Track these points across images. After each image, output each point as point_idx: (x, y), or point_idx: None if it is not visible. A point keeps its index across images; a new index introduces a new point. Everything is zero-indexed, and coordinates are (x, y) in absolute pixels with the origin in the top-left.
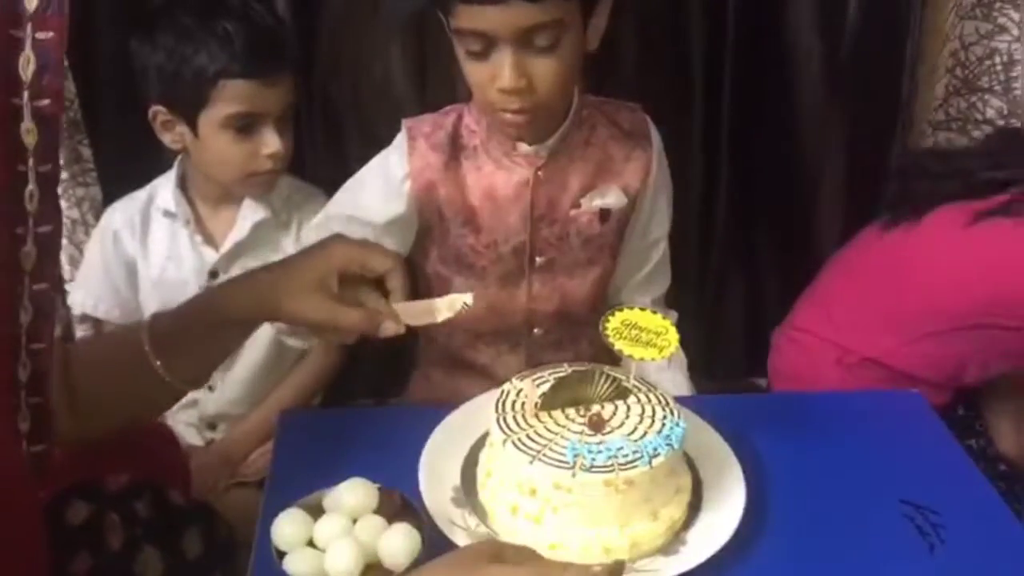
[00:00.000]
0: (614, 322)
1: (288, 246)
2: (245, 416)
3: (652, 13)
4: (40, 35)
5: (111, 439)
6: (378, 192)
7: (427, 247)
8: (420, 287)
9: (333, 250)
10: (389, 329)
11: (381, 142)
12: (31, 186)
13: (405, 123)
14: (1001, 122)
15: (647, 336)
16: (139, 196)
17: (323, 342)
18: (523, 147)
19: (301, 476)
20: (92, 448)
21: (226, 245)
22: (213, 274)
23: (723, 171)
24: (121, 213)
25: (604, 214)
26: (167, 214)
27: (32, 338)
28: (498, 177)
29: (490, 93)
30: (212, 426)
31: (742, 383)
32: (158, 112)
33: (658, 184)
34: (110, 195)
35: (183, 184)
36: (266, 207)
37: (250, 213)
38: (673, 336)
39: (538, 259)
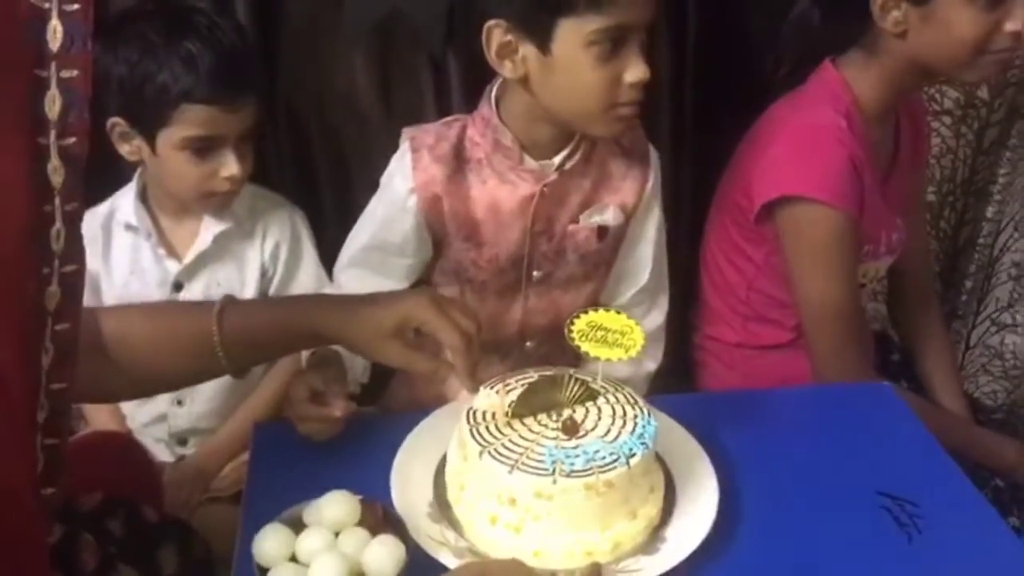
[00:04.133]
0: (580, 324)
1: (252, 257)
2: (215, 430)
3: None
4: (65, 73)
5: (82, 458)
6: (387, 212)
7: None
8: None
9: (415, 307)
10: (453, 386)
11: (345, 153)
12: (58, 225)
13: (407, 133)
14: None
15: (613, 336)
16: (100, 210)
17: None
18: (530, 162)
19: (279, 489)
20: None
21: (188, 256)
22: (177, 286)
23: (686, 168)
24: (83, 228)
25: (602, 231)
26: (128, 227)
27: (53, 379)
28: (502, 191)
29: (615, 93)
30: (182, 441)
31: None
32: (116, 124)
33: (652, 202)
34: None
35: (144, 196)
36: (229, 217)
37: (212, 224)
38: (638, 335)
39: (535, 273)
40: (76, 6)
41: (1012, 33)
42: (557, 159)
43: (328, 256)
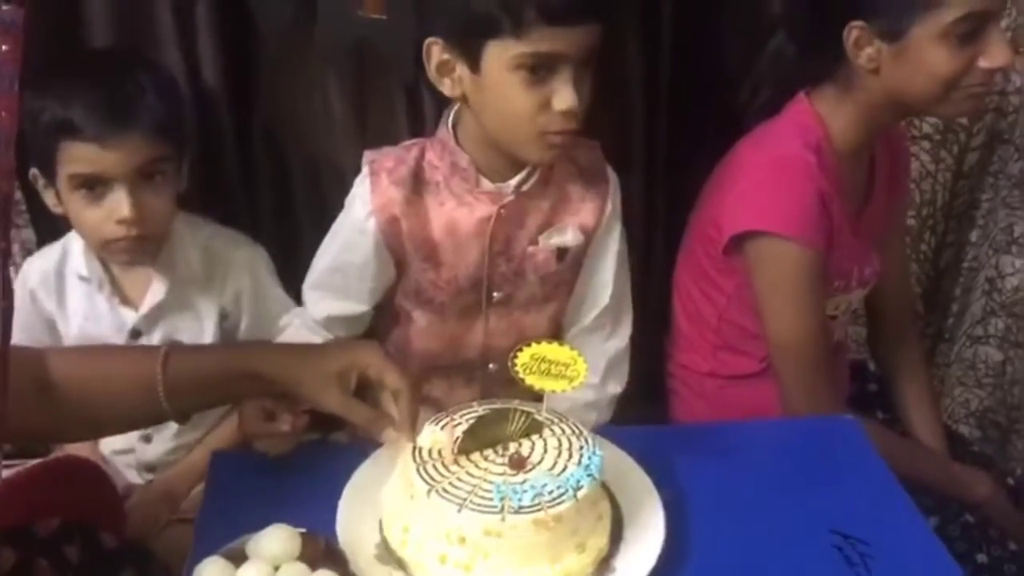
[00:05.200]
0: (523, 357)
1: (208, 307)
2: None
3: None
4: None
5: (44, 483)
6: (347, 235)
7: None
8: (382, 322)
9: (360, 352)
10: (390, 436)
11: (321, 176)
12: None
13: (367, 156)
14: None
15: (556, 369)
16: (53, 252)
17: None
18: (486, 184)
19: (231, 518)
20: (19, 492)
21: (144, 308)
22: (135, 333)
23: (660, 196)
24: (37, 271)
25: (561, 252)
26: (81, 278)
27: None
28: (460, 213)
29: (543, 119)
30: (151, 469)
31: None
32: (35, 176)
33: (612, 224)
34: (43, 237)
35: None
36: (182, 265)
37: (164, 275)
38: (581, 366)
39: (495, 294)
40: (4, 48)
41: (986, 70)
42: (514, 181)
43: (304, 278)
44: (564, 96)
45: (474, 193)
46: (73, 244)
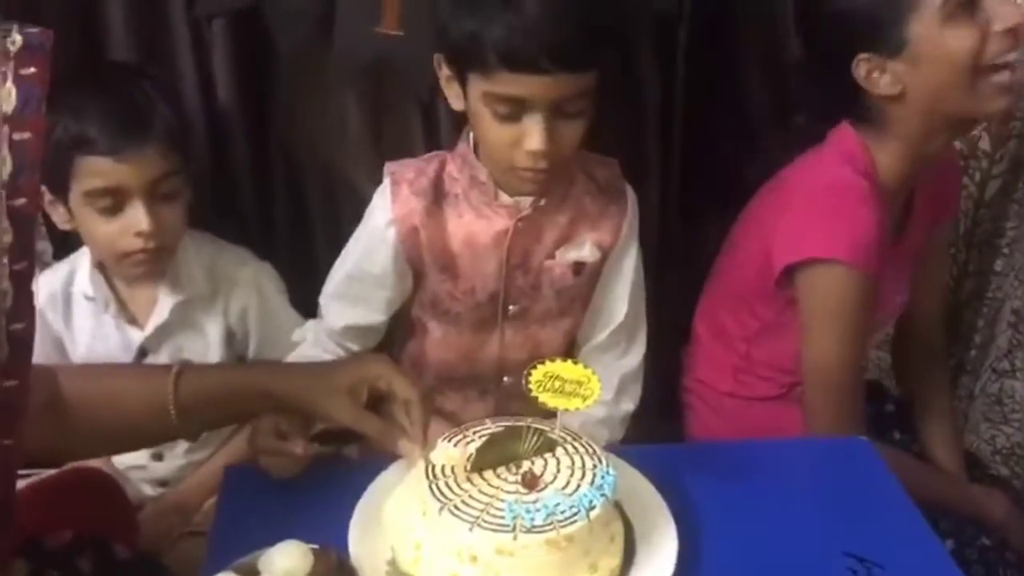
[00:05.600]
0: (537, 375)
1: (213, 327)
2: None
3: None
4: (17, 136)
5: (56, 494)
6: (367, 244)
7: None
8: (398, 333)
9: (370, 365)
10: (403, 447)
11: (337, 190)
12: (4, 283)
13: (388, 168)
14: None
15: (570, 387)
16: (60, 271)
17: None
18: (504, 197)
19: (244, 532)
20: (32, 503)
21: (149, 328)
22: (142, 352)
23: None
24: (44, 290)
25: (578, 267)
26: (87, 298)
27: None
28: (478, 226)
29: (514, 154)
30: (163, 484)
31: None
32: (43, 193)
33: (629, 242)
34: (60, 250)
35: (100, 263)
36: (187, 284)
37: (169, 294)
38: (595, 385)
39: (511, 307)
40: (32, 69)
41: (1005, 33)
42: (531, 195)
43: (319, 292)
44: (532, 138)
45: (492, 206)
46: (80, 263)
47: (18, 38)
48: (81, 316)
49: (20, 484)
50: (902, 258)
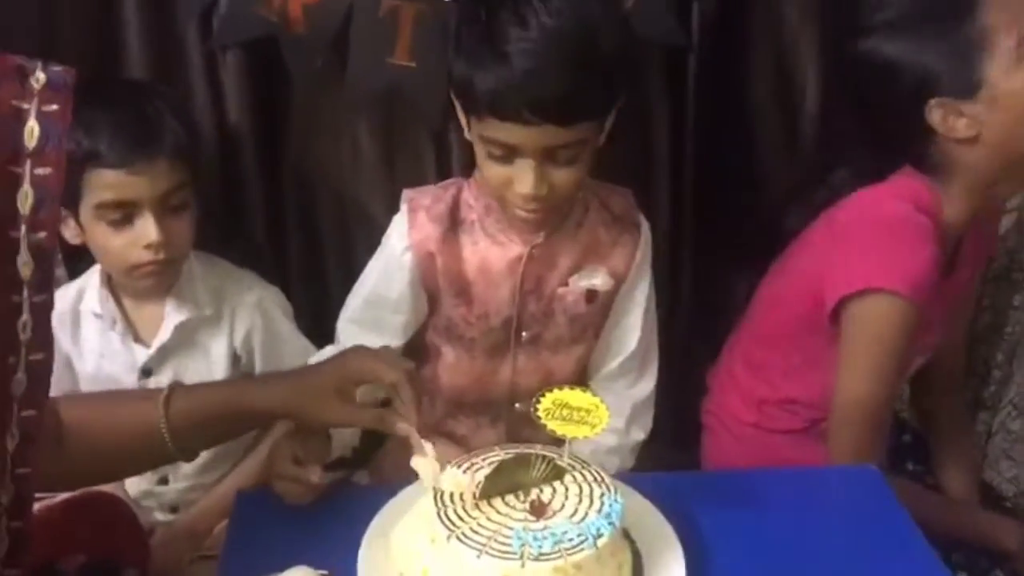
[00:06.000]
0: (545, 403)
1: (218, 348)
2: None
3: None
4: (39, 171)
5: (69, 518)
6: (384, 269)
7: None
8: (413, 353)
9: (348, 360)
10: (402, 429)
11: (349, 218)
12: (25, 316)
13: (406, 194)
14: None
15: (579, 415)
16: (70, 290)
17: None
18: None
19: (254, 558)
20: (46, 527)
21: (153, 347)
22: (146, 372)
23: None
24: (54, 311)
25: (591, 295)
26: (95, 315)
27: (16, 463)
28: (493, 252)
29: (508, 192)
30: (174, 509)
31: None
32: None
33: (642, 271)
34: (74, 274)
35: (108, 281)
36: (192, 304)
37: (173, 313)
38: (603, 413)
39: (524, 333)
40: (54, 107)
41: None
42: None
43: (332, 319)
44: (522, 182)
45: (507, 233)
46: (90, 282)
47: (42, 76)
48: (89, 334)
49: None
50: (948, 297)
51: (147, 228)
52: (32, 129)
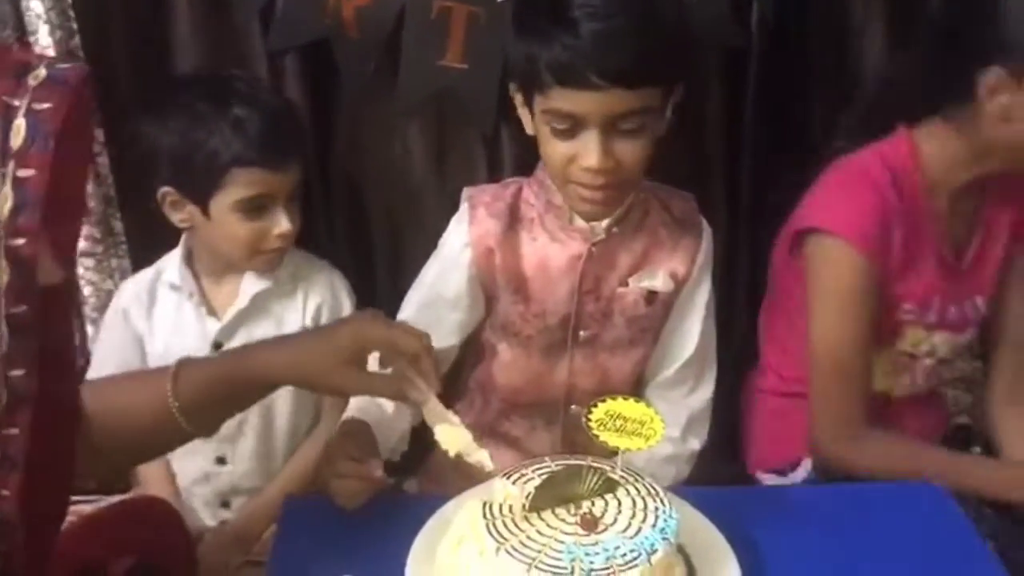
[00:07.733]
0: (598, 413)
1: (290, 319)
2: (258, 489)
3: None
4: (21, 173)
5: (117, 520)
6: (442, 267)
7: None
8: (469, 353)
9: (362, 328)
10: (416, 395)
11: (399, 221)
12: (2, 327)
13: (466, 191)
14: None
15: (632, 426)
16: (147, 273)
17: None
18: (579, 222)
19: (303, 566)
20: (97, 528)
21: (227, 316)
22: (217, 346)
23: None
24: (130, 290)
25: (650, 296)
26: (173, 288)
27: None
28: (552, 249)
29: (571, 169)
30: (226, 504)
31: None
32: (167, 193)
33: (702, 275)
34: (139, 266)
35: (189, 259)
36: (270, 278)
37: (252, 284)
38: (658, 425)
39: (582, 333)
40: (47, 105)
41: None
42: (605, 221)
43: None
44: (587, 154)
45: (567, 230)
46: (168, 263)
47: (42, 72)
48: (163, 309)
49: (85, 509)
50: (970, 274)
51: (280, 219)
52: (19, 127)
